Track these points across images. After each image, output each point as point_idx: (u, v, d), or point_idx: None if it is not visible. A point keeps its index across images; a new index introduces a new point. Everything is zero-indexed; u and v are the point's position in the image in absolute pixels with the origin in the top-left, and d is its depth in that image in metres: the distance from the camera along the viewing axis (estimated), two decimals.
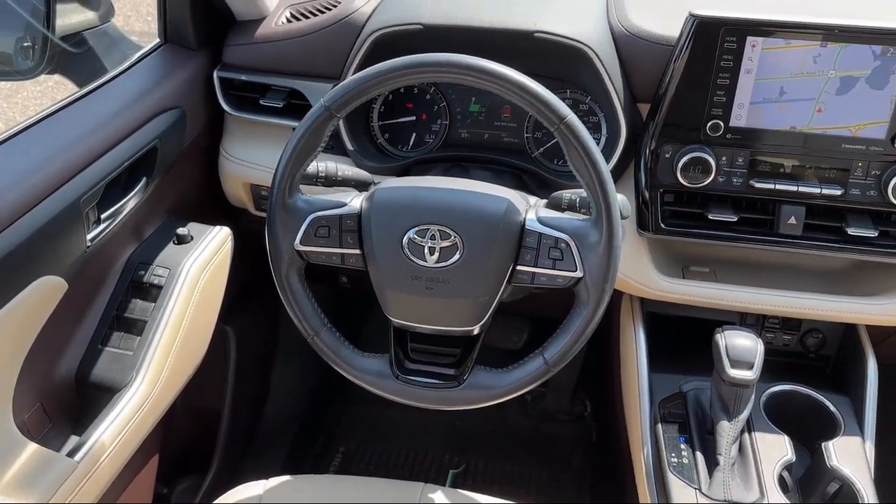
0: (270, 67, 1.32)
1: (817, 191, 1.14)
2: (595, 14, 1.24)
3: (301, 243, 0.98)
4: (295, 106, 1.30)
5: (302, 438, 1.97)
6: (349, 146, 1.26)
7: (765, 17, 1.06)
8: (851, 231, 1.14)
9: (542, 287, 0.98)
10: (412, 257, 0.95)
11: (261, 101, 1.32)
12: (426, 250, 0.94)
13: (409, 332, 1.03)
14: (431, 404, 1.01)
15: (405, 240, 0.95)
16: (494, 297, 0.98)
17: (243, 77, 1.33)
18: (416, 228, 0.94)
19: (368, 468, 1.94)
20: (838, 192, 1.13)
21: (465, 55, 0.90)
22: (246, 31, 1.35)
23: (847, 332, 1.31)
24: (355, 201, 0.99)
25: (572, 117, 0.90)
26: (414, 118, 1.32)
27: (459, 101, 1.30)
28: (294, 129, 0.96)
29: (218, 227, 1.35)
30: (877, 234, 1.14)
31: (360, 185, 1.07)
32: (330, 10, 1.32)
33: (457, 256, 0.94)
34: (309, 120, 0.94)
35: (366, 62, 1.20)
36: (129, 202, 1.21)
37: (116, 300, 1.23)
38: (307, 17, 1.33)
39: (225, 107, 1.35)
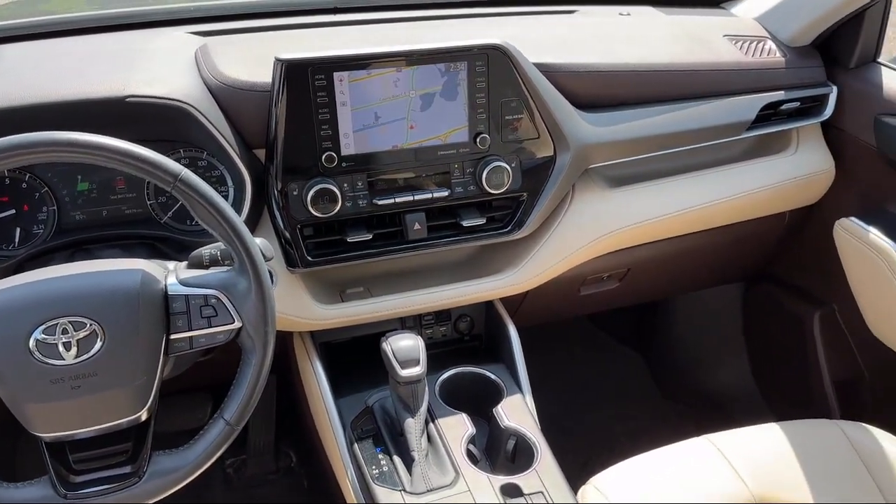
0: None
1: (429, 196, 1.28)
2: (186, 71, 1.24)
3: None
4: None
5: None
6: None
7: (344, 52, 1.17)
8: (465, 223, 1.31)
9: (204, 348, 0.96)
10: (46, 360, 0.85)
11: None
12: (60, 347, 0.85)
13: (66, 443, 0.92)
14: None
15: (32, 343, 0.84)
16: (154, 376, 0.92)
17: None
18: (43, 327, 0.85)
19: None
20: (446, 193, 1.29)
21: (54, 132, 0.84)
22: None
23: (488, 310, 1.50)
24: None
25: (186, 173, 0.89)
26: (13, 211, 1.18)
27: (63, 182, 1.20)
28: None
29: None
30: (485, 221, 1.32)
31: None
32: None
33: (99, 345, 0.87)
34: None
35: None
36: None
37: None
38: None
39: None
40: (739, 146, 1.59)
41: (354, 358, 1.40)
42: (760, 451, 1.28)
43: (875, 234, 1.48)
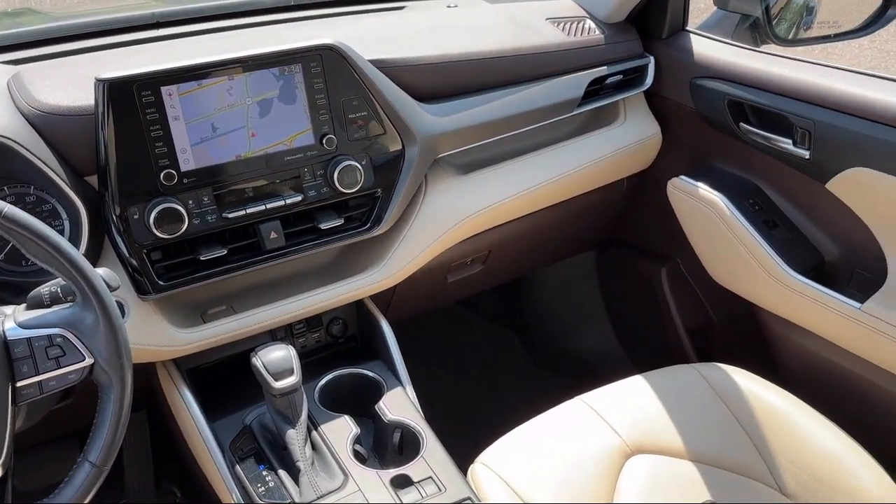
0: None
1: (282, 202, 1.25)
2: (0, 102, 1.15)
3: None
4: None
5: None
6: None
7: (169, 66, 1.12)
8: (323, 226, 1.30)
9: (59, 392, 0.90)
10: None
11: None
12: None
13: None
14: None
15: None
16: (4, 429, 0.85)
17: None
18: None
19: None
20: (300, 198, 1.27)
21: None
22: None
23: (359, 310, 1.50)
24: None
25: (10, 209, 0.83)
26: None
27: None
28: None
29: None
30: (343, 221, 1.32)
31: None
32: None
33: None
34: None
35: None
36: None
37: None
38: None
39: None
40: (574, 122, 1.69)
41: (227, 379, 1.36)
42: (629, 402, 1.37)
43: (704, 189, 1.61)
